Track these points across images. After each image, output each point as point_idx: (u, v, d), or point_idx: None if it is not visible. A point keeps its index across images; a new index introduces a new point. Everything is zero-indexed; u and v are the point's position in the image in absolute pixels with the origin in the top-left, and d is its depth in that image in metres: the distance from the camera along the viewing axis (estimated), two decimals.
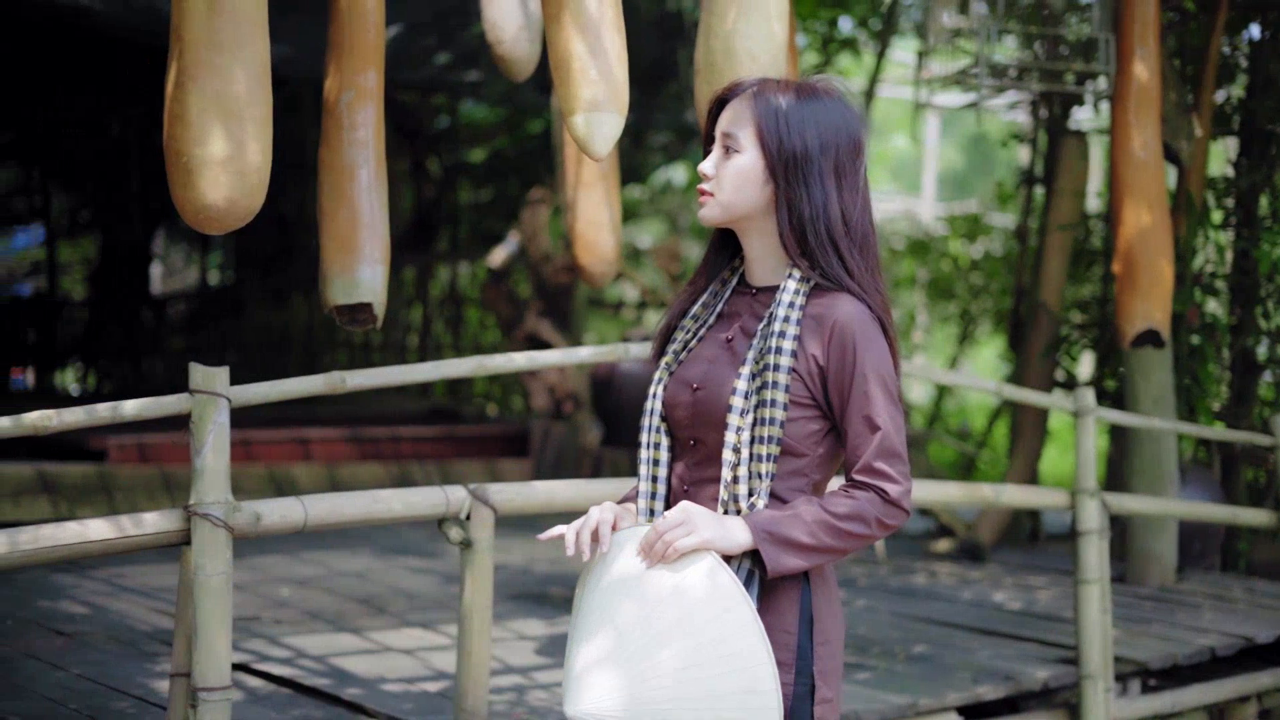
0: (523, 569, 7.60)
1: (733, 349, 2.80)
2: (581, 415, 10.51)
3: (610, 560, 2.72)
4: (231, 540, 3.70)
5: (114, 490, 8.36)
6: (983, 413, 14.17)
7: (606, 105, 3.82)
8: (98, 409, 3.69)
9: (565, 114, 3.86)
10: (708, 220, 2.83)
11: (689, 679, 2.59)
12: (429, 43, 10.39)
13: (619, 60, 3.84)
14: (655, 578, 2.64)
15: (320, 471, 9.26)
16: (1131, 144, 6.34)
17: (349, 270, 4.20)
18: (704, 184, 2.82)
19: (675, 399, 2.82)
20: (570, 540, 2.71)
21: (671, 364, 2.86)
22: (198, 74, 3.42)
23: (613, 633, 2.65)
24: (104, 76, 13.02)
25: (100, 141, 14.95)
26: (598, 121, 3.84)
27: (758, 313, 2.82)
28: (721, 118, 2.84)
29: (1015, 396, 6.08)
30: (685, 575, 2.62)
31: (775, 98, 2.78)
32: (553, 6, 3.84)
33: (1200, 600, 6.96)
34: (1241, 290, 7.85)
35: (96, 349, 16.73)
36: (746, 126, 2.78)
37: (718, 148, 2.82)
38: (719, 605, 2.60)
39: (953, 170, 23.72)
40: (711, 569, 2.62)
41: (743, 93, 2.82)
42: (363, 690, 4.98)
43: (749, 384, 2.72)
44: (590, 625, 2.69)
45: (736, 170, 2.78)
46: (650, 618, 2.62)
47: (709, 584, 2.61)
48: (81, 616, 6.10)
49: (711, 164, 2.81)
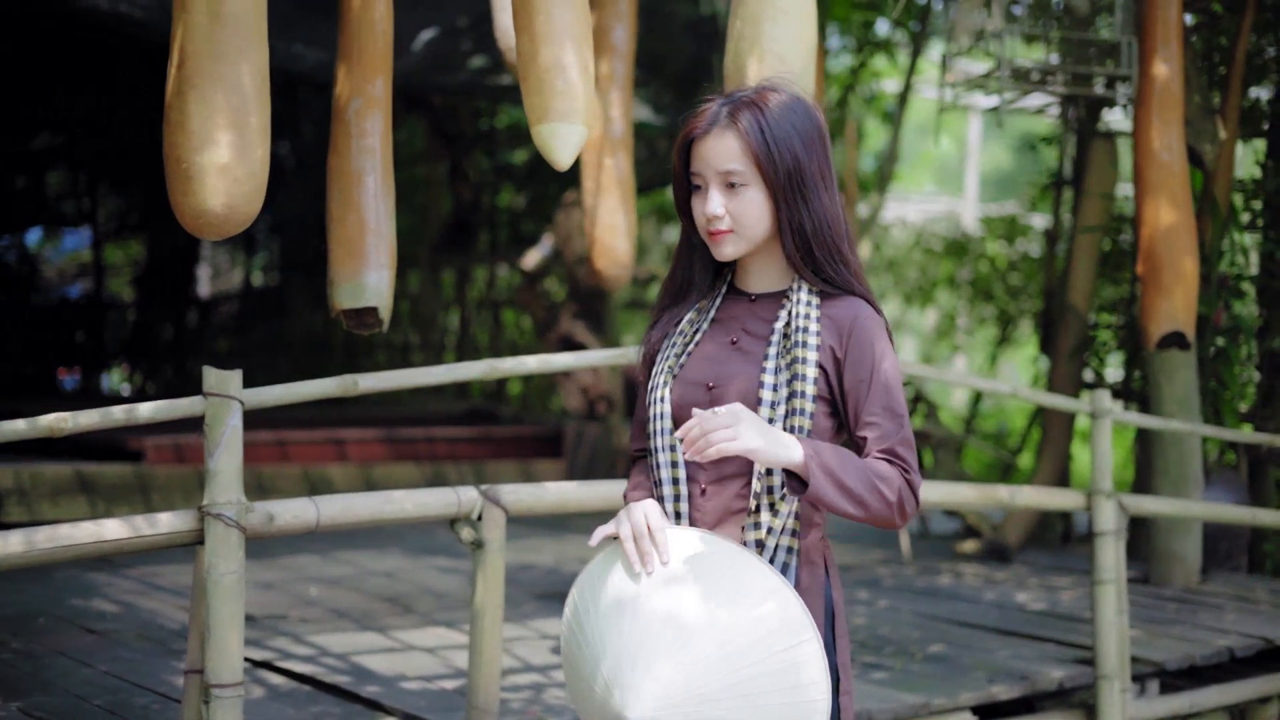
0: (552, 569, 7.67)
1: (741, 350, 2.86)
2: (615, 416, 10.58)
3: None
4: (244, 540, 3.78)
5: (151, 490, 8.48)
6: (1021, 415, 14.14)
7: (572, 116, 3.88)
8: (113, 411, 3.78)
9: (531, 123, 3.92)
10: (730, 256, 2.85)
11: (744, 698, 2.62)
12: (465, 47, 10.47)
13: (584, 73, 3.89)
14: (717, 588, 2.65)
15: (355, 472, 9.36)
16: (1154, 146, 6.37)
17: (356, 275, 4.28)
18: (717, 223, 2.82)
19: (686, 400, 2.85)
20: (632, 553, 2.71)
21: (674, 367, 2.90)
22: (199, 82, 3.51)
23: (673, 637, 2.63)
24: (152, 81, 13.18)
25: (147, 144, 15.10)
26: (562, 132, 3.89)
27: (762, 317, 2.88)
28: (706, 156, 2.83)
29: (1032, 399, 6.10)
30: (758, 601, 2.65)
31: (754, 118, 2.80)
32: (523, 17, 3.90)
33: (1223, 601, 6.95)
34: (1268, 292, 7.84)
35: (143, 350, 16.92)
36: (742, 158, 2.80)
37: (717, 187, 2.82)
38: (791, 637, 2.65)
39: (999, 170, 23.63)
40: (783, 601, 2.66)
41: (718, 124, 2.82)
42: (381, 688, 5.06)
43: (774, 378, 2.79)
44: (644, 626, 2.65)
45: (750, 204, 2.81)
46: (717, 635, 2.62)
47: (781, 615, 2.65)
48: (112, 614, 6.21)
49: (719, 204, 2.82)
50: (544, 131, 3.87)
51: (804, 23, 4.43)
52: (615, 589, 2.73)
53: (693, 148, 2.86)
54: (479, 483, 9.55)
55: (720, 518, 2.83)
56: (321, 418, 10.30)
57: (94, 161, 16.17)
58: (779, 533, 2.80)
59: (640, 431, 3.00)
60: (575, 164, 12.16)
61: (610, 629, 2.69)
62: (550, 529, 8.85)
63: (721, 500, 2.82)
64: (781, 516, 2.79)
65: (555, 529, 8.88)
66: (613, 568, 2.76)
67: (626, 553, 2.73)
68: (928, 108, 17.75)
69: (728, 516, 2.82)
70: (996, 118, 7.56)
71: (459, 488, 4.22)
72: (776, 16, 4.37)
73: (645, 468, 2.99)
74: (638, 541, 2.72)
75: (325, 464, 9.43)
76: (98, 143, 15.48)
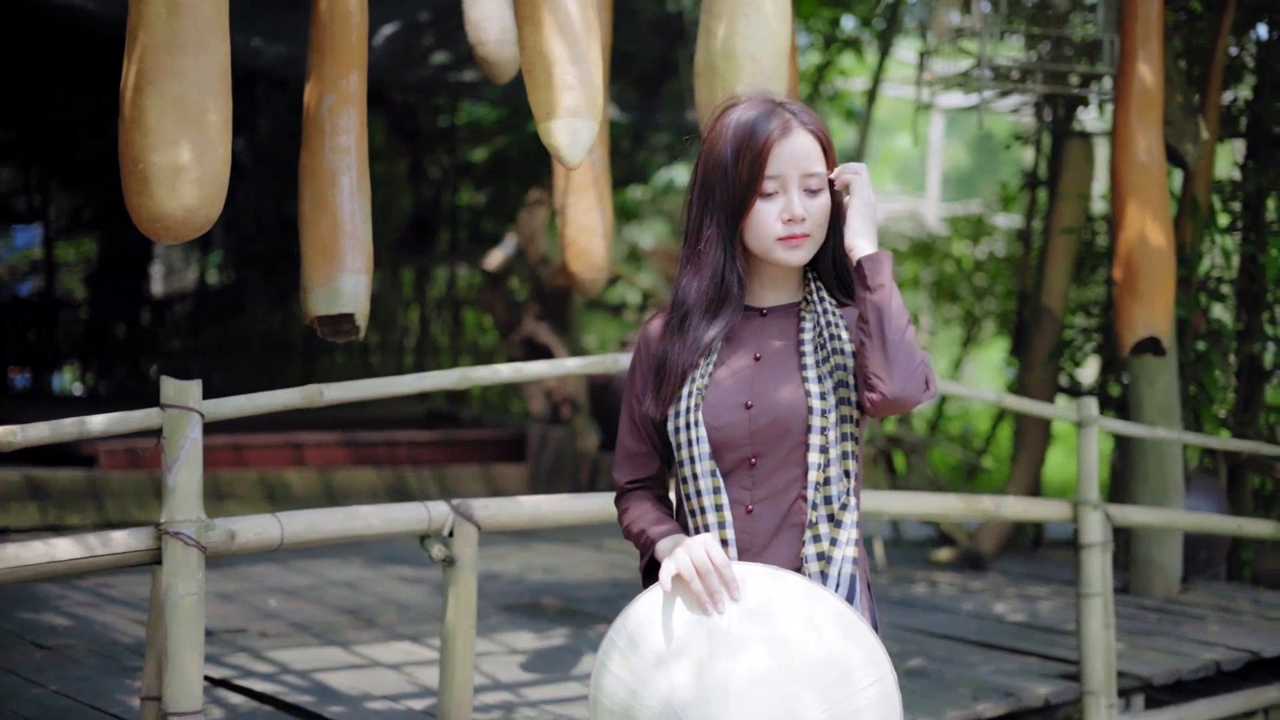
0: (516, 578, 7.49)
1: (770, 365, 2.78)
2: (579, 420, 10.40)
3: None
4: (204, 559, 3.58)
5: (104, 496, 8.25)
6: (985, 417, 14.04)
7: (583, 112, 3.70)
8: (64, 424, 3.58)
9: (539, 119, 3.74)
10: (800, 262, 2.80)
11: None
12: (427, 42, 10.28)
13: (596, 66, 3.71)
14: (794, 625, 2.59)
15: (314, 477, 9.15)
16: (1134, 146, 6.21)
17: (331, 280, 4.08)
18: (801, 226, 2.76)
19: (722, 421, 2.75)
20: (701, 592, 2.60)
21: (703, 389, 2.77)
22: (156, 77, 3.29)
23: (771, 665, 2.57)
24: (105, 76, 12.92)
25: (100, 141, 14.86)
26: (574, 128, 3.72)
27: (780, 330, 2.82)
28: (791, 157, 2.75)
29: (1018, 406, 5.95)
30: (839, 637, 2.60)
31: (820, 123, 2.80)
32: (527, 7, 3.71)
33: (1205, 612, 6.83)
34: (1248, 296, 7.72)
35: (96, 349, 16.65)
36: (821, 162, 2.78)
37: (799, 189, 2.75)
38: (873, 671, 2.59)
39: (959, 170, 23.59)
40: (860, 635, 2.62)
41: (794, 127, 2.77)
42: (346, 708, 4.85)
43: (819, 386, 2.73)
44: (738, 679, 2.56)
45: (824, 208, 2.79)
46: (808, 676, 2.56)
47: (862, 649, 2.60)
48: (64, 629, 5.99)
49: (802, 205, 2.75)
50: (553, 128, 3.70)
51: (776, 21, 4.27)
52: (683, 632, 2.61)
53: (771, 150, 2.75)
54: (440, 487, 9.44)
55: (772, 535, 2.74)
56: (279, 420, 10.03)
57: (45, 157, 15.88)
58: (844, 544, 2.73)
59: (633, 462, 2.86)
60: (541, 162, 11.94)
61: (691, 661, 2.58)
62: (514, 537, 8.66)
63: (773, 516, 2.74)
64: (845, 528, 2.73)
65: (519, 537, 8.69)
66: (672, 609, 2.63)
67: (694, 592, 2.61)
68: (890, 106, 17.67)
69: (781, 532, 2.74)
70: (977, 116, 7.42)
71: (429, 503, 4.04)
72: (749, 14, 4.22)
73: (649, 499, 2.86)
74: (704, 579, 2.61)
75: (283, 469, 9.21)
76: (49, 138, 15.18)
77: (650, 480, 2.92)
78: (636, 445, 2.89)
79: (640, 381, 2.86)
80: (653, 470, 2.91)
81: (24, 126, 15.26)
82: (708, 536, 2.66)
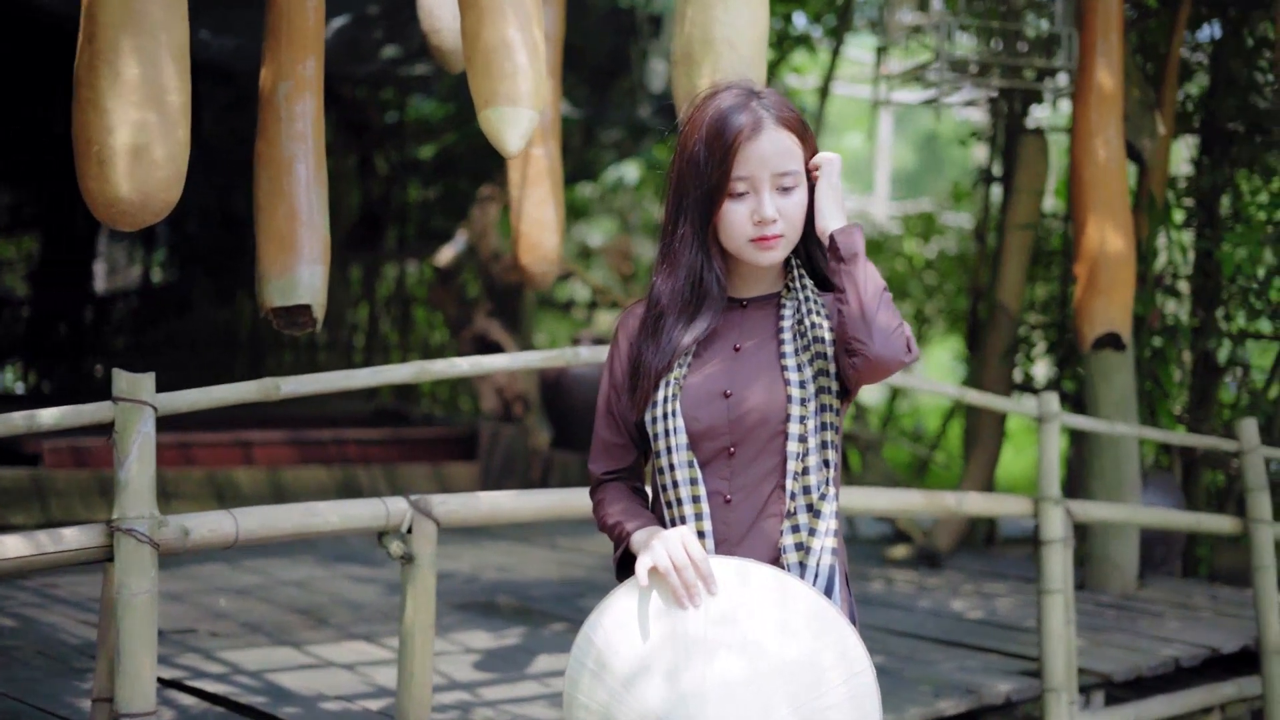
0: (470, 577, 7.40)
1: (748, 355, 2.74)
2: (531, 417, 10.32)
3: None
4: (157, 557, 3.48)
5: (48, 495, 8.09)
6: (937, 414, 14.04)
7: (524, 100, 3.63)
8: (13, 418, 3.48)
9: (479, 107, 3.66)
10: (773, 263, 2.75)
11: None
12: (376, 35, 10.15)
13: (539, 55, 3.64)
14: (769, 619, 2.56)
15: (262, 475, 9.01)
16: (1093, 142, 6.20)
17: (288, 270, 3.98)
18: (773, 227, 2.70)
19: (701, 413, 2.71)
20: (678, 587, 2.56)
21: (680, 378, 2.73)
22: (112, 56, 3.18)
23: (744, 686, 2.53)
24: (48, 69, 12.74)
25: (42, 136, 14.65)
26: (514, 117, 3.64)
27: (759, 322, 2.78)
28: (762, 156, 2.69)
29: (979, 402, 5.90)
30: (815, 633, 2.59)
31: (798, 117, 2.74)
32: None
33: (1163, 608, 6.82)
34: (1203, 292, 7.72)
35: (38, 348, 16.43)
36: (795, 159, 2.72)
37: (770, 189, 2.70)
38: (848, 668, 2.59)
39: (905, 169, 23.64)
40: (839, 631, 2.60)
41: (767, 124, 2.70)
42: (300, 709, 4.76)
43: (799, 375, 2.70)
44: (712, 674, 2.53)
45: (800, 206, 2.74)
46: (784, 671, 2.54)
47: (839, 646, 2.58)
48: (9, 630, 5.85)
49: (773, 206, 2.69)
50: (492, 116, 3.62)
51: (755, 10, 4.24)
52: (660, 627, 2.58)
53: (739, 151, 2.68)
54: (391, 486, 9.32)
55: (751, 525, 2.70)
56: (226, 418, 9.89)
57: None
58: (823, 534, 2.69)
59: (609, 453, 2.81)
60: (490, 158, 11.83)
61: (663, 674, 2.55)
62: (467, 536, 8.55)
63: (752, 506, 2.70)
64: (824, 518, 2.69)
65: (472, 535, 8.59)
66: (647, 603, 2.59)
67: (671, 586, 2.57)
68: (840, 105, 17.65)
69: (759, 522, 2.70)
70: (933, 111, 7.38)
71: (387, 499, 3.95)
72: (728, 3, 4.18)
73: (624, 491, 2.80)
74: (680, 573, 2.57)
75: (231, 467, 9.06)
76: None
77: (626, 471, 2.86)
78: (613, 436, 2.83)
79: (619, 372, 2.80)
80: (629, 461, 2.85)
81: None
82: (684, 530, 2.62)
